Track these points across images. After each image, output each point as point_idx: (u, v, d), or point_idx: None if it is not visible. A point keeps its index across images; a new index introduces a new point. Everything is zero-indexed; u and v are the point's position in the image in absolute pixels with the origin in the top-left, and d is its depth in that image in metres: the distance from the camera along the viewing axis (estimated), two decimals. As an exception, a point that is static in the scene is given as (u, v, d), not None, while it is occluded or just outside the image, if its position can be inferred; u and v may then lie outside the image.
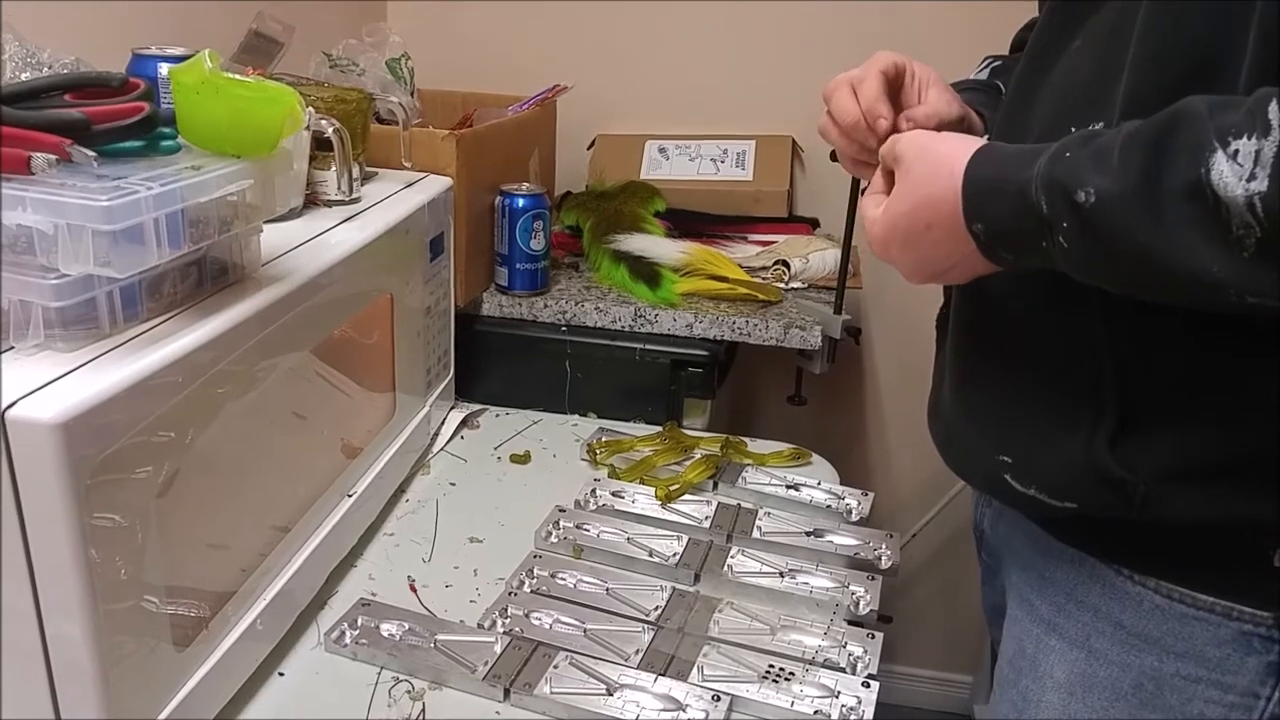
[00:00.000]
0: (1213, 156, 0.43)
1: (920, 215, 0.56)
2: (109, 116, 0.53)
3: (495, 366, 1.13)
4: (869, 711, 0.67)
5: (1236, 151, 0.43)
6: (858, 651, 0.73)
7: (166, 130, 0.58)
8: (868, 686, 0.69)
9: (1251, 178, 0.42)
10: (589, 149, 1.44)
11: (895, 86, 0.66)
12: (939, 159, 0.55)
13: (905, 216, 0.57)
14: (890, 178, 0.60)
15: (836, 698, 0.68)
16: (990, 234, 0.53)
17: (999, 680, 0.69)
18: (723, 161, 1.39)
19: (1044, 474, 0.59)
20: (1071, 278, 0.55)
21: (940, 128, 0.65)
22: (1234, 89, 0.49)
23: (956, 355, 0.67)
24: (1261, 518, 0.54)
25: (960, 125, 0.67)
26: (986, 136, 0.69)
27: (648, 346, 1.10)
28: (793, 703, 0.67)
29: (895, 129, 0.64)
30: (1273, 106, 0.43)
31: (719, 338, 1.11)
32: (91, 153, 0.51)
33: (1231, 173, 0.43)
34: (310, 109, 0.81)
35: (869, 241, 0.61)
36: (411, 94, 1.18)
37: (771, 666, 0.70)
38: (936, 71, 0.68)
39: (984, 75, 0.77)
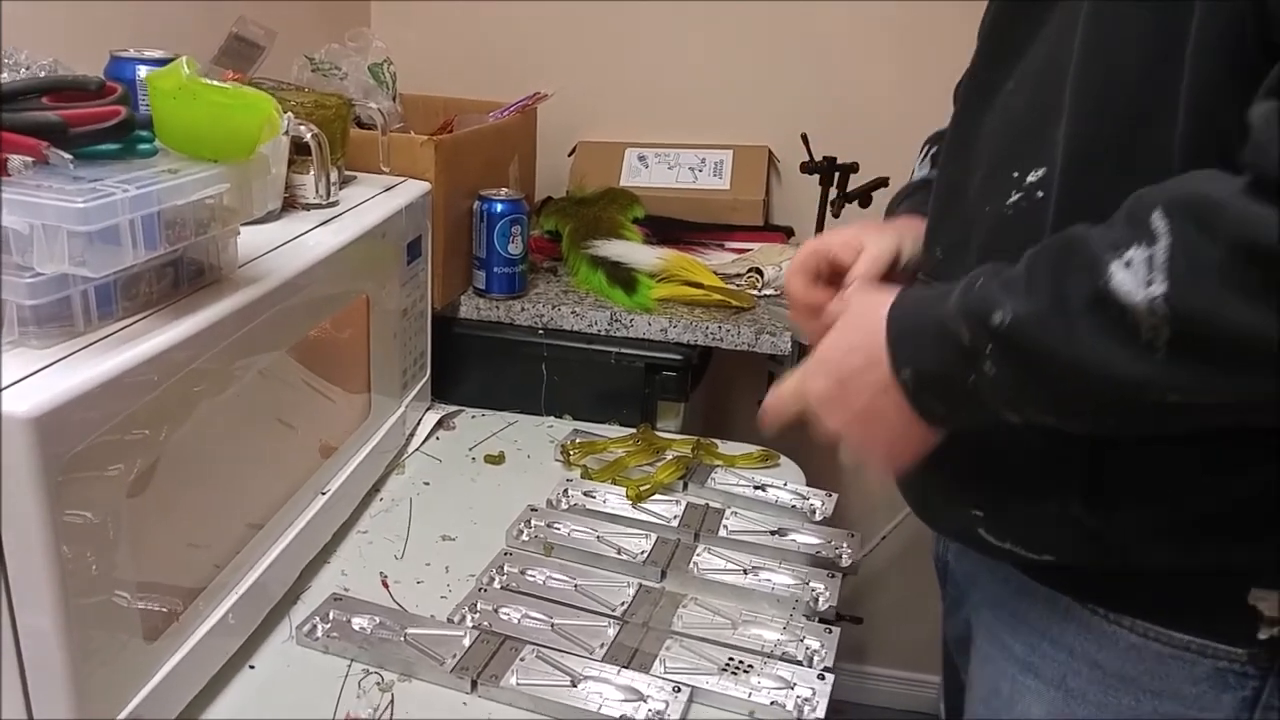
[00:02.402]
0: (1109, 267, 0.46)
1: (844, 338, 0.59)
2: (86, 120, 0.55)
3: (472, 368, 1.15)
4: (823, 702, 0.69)
5: (1130, 261, 0.45)
6: (815, 645, 0.75)
7: (143, 134, 0.59)
8: (823, 679, 0.71)
9: (1149, 282, 0.44)
10: (570, 155, 1.46)
11: (827, 269, 0.70)
12: (864, 306, 0.59)
13: (831, 345, 0.59)
14: None
15: (792, 689, 0.70)
16: (918, 379, 0.54)
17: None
18: (701, 170, 1.42)
19: (1020, 528, 0.59)
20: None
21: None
22: (1170, 138, 0.50)
23: None
24: (1239, 560, 0.55)
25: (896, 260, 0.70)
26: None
27: (623, 350, 1.12)
28: (750, 694, 0.69)
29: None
30: (1155, 215, 0.45)
31: (692, 342, 1.13)
32: (68, 155, 0.53)
33: (1130, 280, 0.45)
34: (289, 114, 0.82)
35: (776, 398, 0.62)
36: (393, 98, 1.20)
37: (731, 659, 0.72)
38: (857, 225, 0.71)
39: (925, 169, 0.79)
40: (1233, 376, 0.45)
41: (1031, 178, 0.56)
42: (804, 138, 1.11)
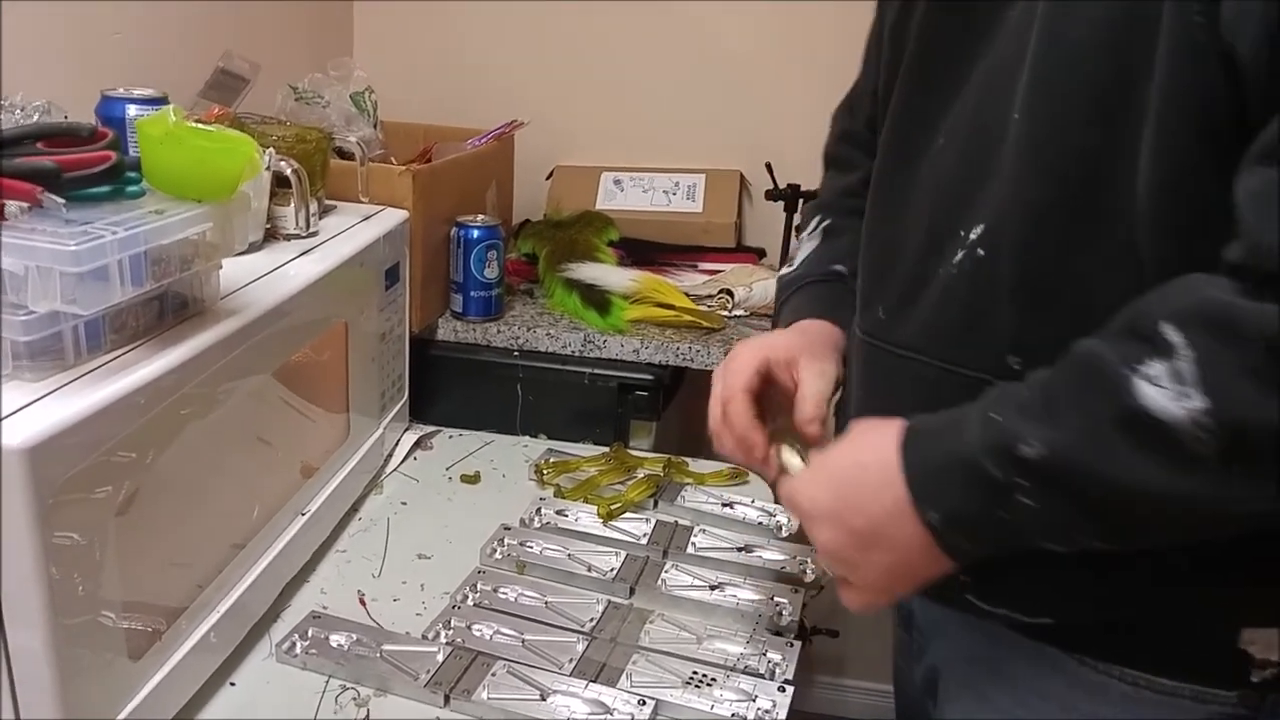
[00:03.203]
0: (1134, 385, 0.44)
1: (851, 455, 0.56)
2: (78, 165, 0.58)
3: (450, 389, 1.18)
4: (782, 713, 0.72)
5: (1154, 376, 0.44)
6: (776, 658, 0.78)
7: (132, 175, 0.62)
8: (783, 691, 0.74)
9: (1184, 396, 0.43)
10: (548, 179, 1.50)
11: (765, 383, 0.66)
12: (871, 432, 0.56)
13: (836, 459, 0.56)
14: None
15: (754, 701, 0.73)
16: (947, 521, 0.51)
17: None
18: (674, 193, 1.46)
19: (1015, 593, 0.57)
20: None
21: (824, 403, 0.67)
22: (1130, 199, 0.50)
23: None
24: (1229, 602, 0.55)
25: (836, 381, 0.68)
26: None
27: (596, 371, 1.16)
28: (713, 706, 0.72)
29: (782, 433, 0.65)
30: (1166, 328, 0.44)
31: (664, 363, 1.17)
32: (61, 200, 0.56)
33: (1162, 397, 0.44)
34: (271, 149, 0.85)
35: (785, 500, 0.59)
36: (374, 126, 1.23)
37: (695, 673, 0.76)
38: (800, 338, 0.69)
39: (815, 241, 0.78)
40: None
41: (972, 236, 0.56)
42: (768, 167, 1.16)
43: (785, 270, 0.81)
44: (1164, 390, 0.44)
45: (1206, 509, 0.46)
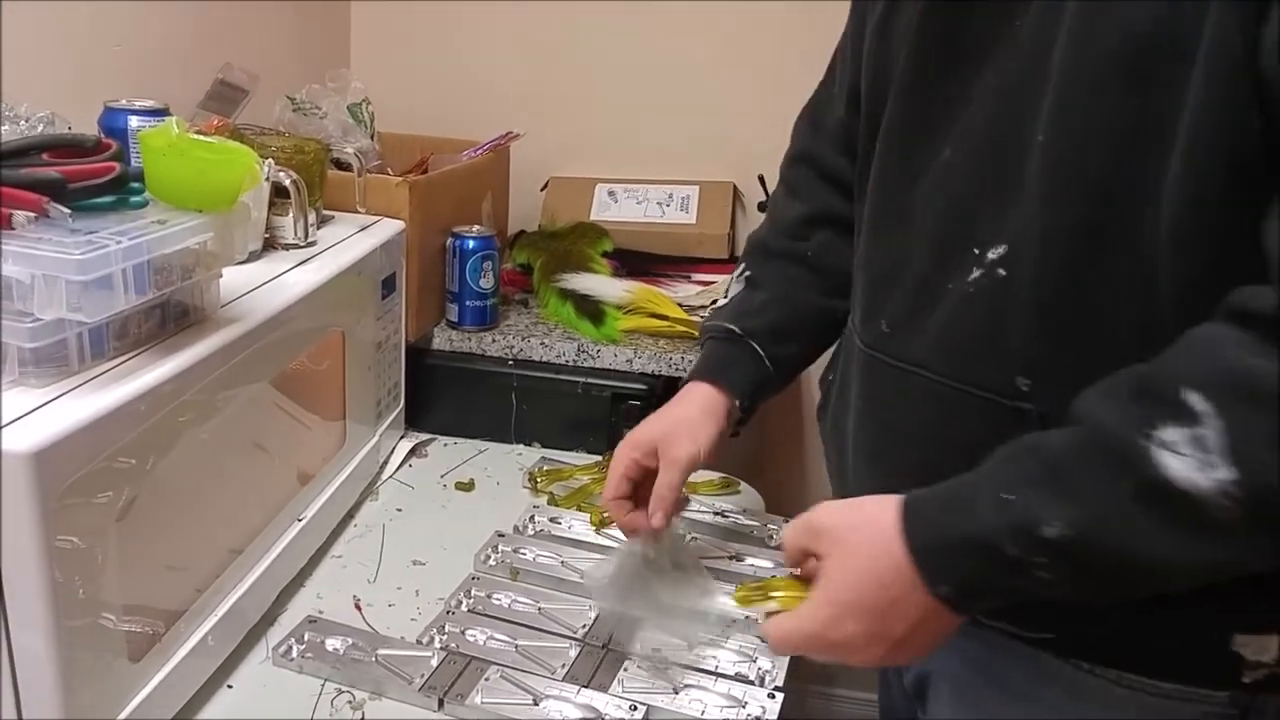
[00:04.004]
0: (1154, 455, 0.44)
1: (865, 574, 0.54)
2: (83, 175, 0.59)
3: (445, 398, 1.19)
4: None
5: (1173, 443, 0.43)
6: (766, 666, 0.79)
7: (136, 185, 0.64)
8: (773, 698, 0.75)
9: (1209, 466, 0.42)
10: (543, 190, 1.51)
11: (642, 472, 0.78)
12: (867, 533, 0.54)
13: (851, 584, 0.54)
14: (797, 580, 0.60)
15: (744, 707, 0.74)
16: (960, 593, 0.52)
17: None
18: (668, 205, 1.47)
19: (1015, 614, 0.57)
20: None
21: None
22: (1155, 224, 0.48)
23: (878, 474, 0.62)
24: (1224, 609, 0.55)
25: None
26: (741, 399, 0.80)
27: (590, 380, 1.17)
28: (703, 711, 0.73)
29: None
30: (1190, 395, 0.43)
31: (657, 373, 1.18)
32: (67, 210, 0.57)
33: (1185, 467, 0.43)
34: (270, 160, 0.87)
35: (793, 640, 0.57)
36: (371, 137, 1.24)
37: (686, 679, 0.77)
38: (663, 425, 0.78)
39: (739, 287, 0.81)
40: None
41: (992, 255, 0.55)
42: (760, 179, 1.18)
43: (720, 300, 0.85)
44: (1185, 459, 0.43)
45: (1229, 568, 0.46)
